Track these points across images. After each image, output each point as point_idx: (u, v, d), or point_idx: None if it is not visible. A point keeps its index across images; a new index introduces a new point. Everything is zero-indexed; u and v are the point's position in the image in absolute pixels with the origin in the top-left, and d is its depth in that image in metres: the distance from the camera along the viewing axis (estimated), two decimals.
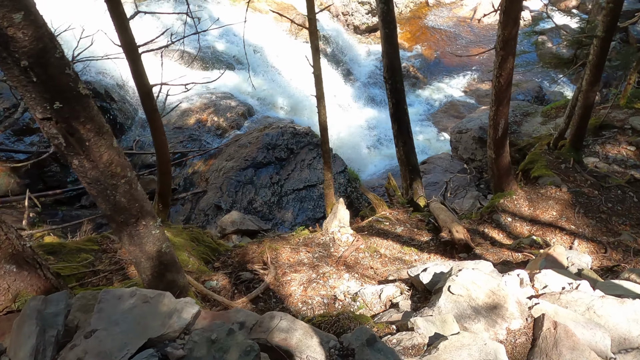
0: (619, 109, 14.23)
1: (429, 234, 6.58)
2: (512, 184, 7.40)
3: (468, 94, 22.17)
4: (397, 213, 7.24)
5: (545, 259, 4.78)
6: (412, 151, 9.26)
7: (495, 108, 6.35)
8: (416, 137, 18.55)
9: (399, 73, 8.75)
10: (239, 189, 9.53)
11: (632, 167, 12.05)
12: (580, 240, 6.47)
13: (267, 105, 13.39)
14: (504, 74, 5.95)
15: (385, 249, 6.11)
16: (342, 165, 10.52)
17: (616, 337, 3.51)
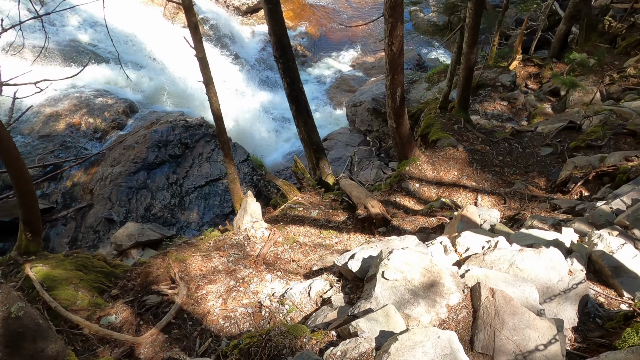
0: (490, 69, 15.45)
1: (344, 212, 6.35)
2: (415, 151, 7.48)
3: (356, 68, 22.56)
4: (309, 196, 6.91)
5: (460, 220, 4.79)
6: (314, 130, 8.96)
7: (391, 77, 6.23)
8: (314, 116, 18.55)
9: (289, 50, 8.29)
10: (132, 195, 8.43)
11: (507, 120, 13.18)
12: (483, 195, 6.75)
13: (152, 99, 12.06)
14: (396, 42, 5.81)
15: (304, 237, 5.75)
16: (244, 154, 9.88)
17: (540, 287, 3.56)
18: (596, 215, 5.13)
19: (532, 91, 14.89)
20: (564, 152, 7.82)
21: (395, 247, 3.72)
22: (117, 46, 11.55)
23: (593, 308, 3.59)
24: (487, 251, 3.83)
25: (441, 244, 4.17)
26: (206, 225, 8.45)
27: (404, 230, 5.58)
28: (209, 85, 5.25)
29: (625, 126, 7.73)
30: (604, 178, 6.55)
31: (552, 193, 6.88)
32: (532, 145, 8.21)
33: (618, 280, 3.94)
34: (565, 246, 4.29)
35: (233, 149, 9.79)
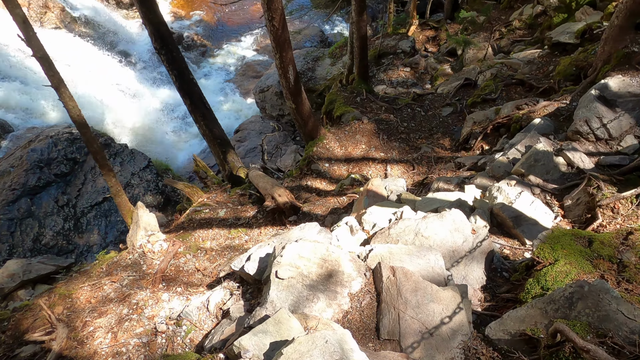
0: (389, 37, 15.66)
1: (254, 207, 5.99)
2: (320, 129, 7.25)
3: (260, 52, 21.89)
4: (215, 195, 6.44)
5: (367, 196, 4.63)
6: (215, 123, 8.37)
7: (279, 55, 5.88)
8: (222, 107, 17.71)
9: (170, 40, 7.58)
10: (15, 228, 7.37)
11: (412, 86, 13.44)
12: (392, 165, 6.71)
13: (29, 114, 10.67)
14: (276, 16, 5.44)
15: (211, 241, 5.31)
16: (144, 160, 9.07)
17: (446, 252, 3.48)
18: (495, 168, 5.25)
19: (431, 54, 15.33)
20: (463, 109, 8.04)
21: (293, 238, 3.44)
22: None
23: (499, 263, 3.59)
24: (393, 224, 3.68)
25: (347, 224, 3.97)
26: (111, 245, 7.66)
27: (315, 215, 5.35)
28: (59, 88, 4.54)
29: (514, 77, 8.09)
30: (501, 129, 6.79)
31: (457, 152, 7.02)
32: (433, 107, 8.35)
33: (519, 229, 4.01)
34: (469, 204, 4.29)
35: (131, 156, 8.96)
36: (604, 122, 5.22)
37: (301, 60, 16.75)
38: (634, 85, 5.51)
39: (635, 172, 4.51)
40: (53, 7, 14.02)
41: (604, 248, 3.04)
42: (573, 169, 4.92)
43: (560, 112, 6.16)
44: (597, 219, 4.11)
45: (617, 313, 2.18)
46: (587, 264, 2.91)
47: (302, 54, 17.22)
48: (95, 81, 13.93)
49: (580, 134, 5.28)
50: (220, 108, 17.51)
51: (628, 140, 5.12)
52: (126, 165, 8.65)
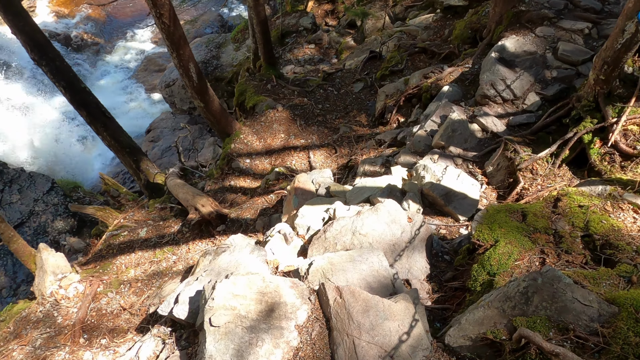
0: (289, 15, 14.97)
1: (178, 220, 5.31)
2: (235, 124, 6.62)
3: (160, 44, 19.99)
4: (132, 214, 5.63)
5: (295, 194, 4.20)
6: (119, 131, 7.33)
7: (176, 54, 5.12)
8: (128, 107, 16.01)
9: (50, 48, 6.37)
10: None
11: (319, 62, 13.00)
12: (314, 151, 6.33)
13: None
14: (165, 12, 4.65)
15: (135, 268, 4.59)
16: (47, 183, 7.76)
17: (387, 246, 3.20)
18: (416, 143, 5.07)
19: (332, 28, 14.94)
20: (374, 83, 7.81)
21: (224, 269, 2.93)
22: None
23: (439, 246, 3.40)
24: (328, 226, 3.30)
25: (280, 232, 3.53)
26: (23, 284, 6.52)
27: (244, 220, 4.83)
28: None
29: (416, 45, 7.98)
30: (413, 100, 6.65)
31: (375, 127, 6.80)
32: (345, 85, 8.03)
33: (451, 206, 3.84)
34: (399, 188, 4.04)
35: (30, 180, 7.62)
36: (507, 84, 5.22)
37: (203, 48, 15.55)
38: (527, 44, 5.56)
39: (544, 130, 4.55)
40: None
41: (538, 220, 2.92)
42: (488, 134, 4.88)
43: (465, 77, 6.12)
44: (519, 183, 4.08)
45: (573, 302, 2.00)
46: (526, 240, 2.77)
47: (204, 42, 15.98)
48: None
49: (488, 98, 5.25)
50: (126, 109, 15.86)
51: (531, 98, 5.18)
52: (26, 192, 7.35)
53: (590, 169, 3.84)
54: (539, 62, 5.34)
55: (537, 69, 5.31)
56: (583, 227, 2.79)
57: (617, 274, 2.36)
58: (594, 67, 3.84)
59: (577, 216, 2.86)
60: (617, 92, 3.94)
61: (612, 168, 3.66)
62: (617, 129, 3.69)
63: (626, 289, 2.26)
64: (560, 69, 5.26)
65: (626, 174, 3.54)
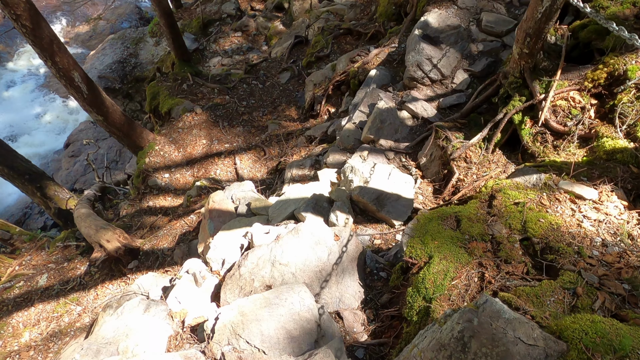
0: (210, 1, 14.07)
1: (85, 259, 4.64)
2: (147, 135, 5.93)
3: (71, 44, 18.27)
4: (30, 258, 4.87)
5: (210, 218, 3.70)
6: (12, 156, 6.35)
7: (51, 62, 4.37)
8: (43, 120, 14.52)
9: None
10: None
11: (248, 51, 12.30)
12: (240, 156, 5.81)
13: None
14: (22, 12, 3.89)
15: (32, 329, 3.92)
16: None
17: (312, 275, 2.80)
18: (344, 138, 4.68)
19: (259, 13, 14.22)
20: (301, 72, 7.34)
21: (108, 338, 2.41)
22: None
23: (373, 262, 3.05)
24: (243, 260, 2.85)
25: (189, 272, 3.03)
26: None
27: (161, 251, 4.26)
28: None
29: (341, 26, 7.56)
30: (342, 87, 6.27)
31: (305, 121, 6.37)
32: (271, 76, 7.50)
33: (384, 211, 3.50)
34: (326, 197, 3.64)
35: None
36: (434, 63, 4.93)
37: (119, 46, 14.37)
38: (451, 17, 5.30)
39: (474, 111, 4.31)
40: None
41: (473, 226, 2.63)
42: (419, 121, 4.59)
43: (392, 58, 5.80)
44: (454, 174, 3.81)
45: (516, 343, 1.69)
46: (462, 252, 2.47)
47: (120, 38, 14.76)
48: None
49: (416, 80, 4.95)
50: (41, 122, 14.38)
51: (459, 75, 4.94)
52: None
53: (523, 152, 3.63)
54: (464, 36, 5.10)
55: (462, 44, 5.07)
56: (521, 229, 2.52)
57: (561, 286, 2.10)
58: (516, 40, 3.60)
59: (514, 216, 2.60)
60: (542, 64, 3.73)
61: (545, 149, 3.46)
62: (546, 106, 3.48)
63: (572, 305, 2.01)
64: (485, 41, 5.05)
65: (559, 155, 3.35)
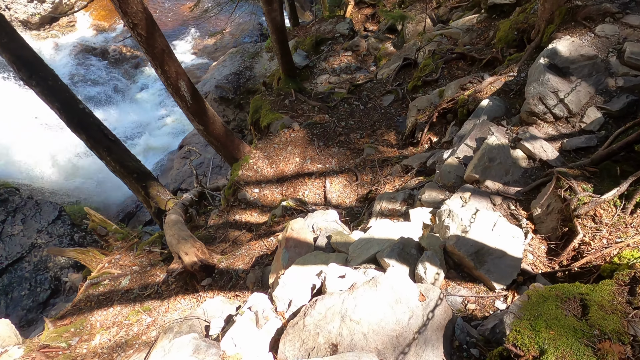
0: (325, 21, 14.38)
1: (165, 266, 4.75)
2: (243, 147, 6.02)
3: (199, 55, 20.18)
4: (119, 257, 5.15)
5: (286, 247, 3.47)
6: (126, 154, 6.96)
7: (161, 70, 4.59)
8: (163, 122, 16.09)
9: (41, 66, 6.05)
10: None
11: (356, 71, 12.25)
12: (331, 178, 5.58)
13: None
14: (139, 21, 4.12)
15: (104, 332, 4.05)
16: (54, 211, 7.59)
17: (387, 340, 2.38)
18: (444, 174, 4.17)
19: (371, 33, 14.20)
20: (405, 95, 6.94)
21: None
22: None
23: (463, 334, 2.52)
24: (310, 308, 2.54)
25: (251, 310, 2.80)
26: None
27: (235, 272, 4.16)
28: None
29: (454, 50, 7.01)
30: (448, 115, 5.73)
31: (404, 148, 5.94)
32: (373, 97, 7.22)
33: (483, 269, 2.94)
34: (415, 242, 3.18)
35: (35, 209, 7.48)
36: (560, 97, 4.20)
37: (238, 59, 15.37)
38: (585, 46, 4.51)
39: (609, 158, 3.51)
40: None
41: (605, 317, 1.99)
42: (536, 163, 3.90)
43: (509, 88, 5.14)
44: (576, 234, 3.10)
45: None
46: (589, 354, 1.86)
47: (239, 52, 15.82)
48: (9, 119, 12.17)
49: (536, 115, 4.26)
50: (162, 123, 15.94)
51: (590, 114, 4.14)
52: (30, 222, 7.18)
53: None
54: (601, 69, 4.28)
55: (597, 77, 4.25)
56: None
57: None
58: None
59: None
60: None
61: None
62: None
63: None
64: (627, 76, 4.19)
65: None
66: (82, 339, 4.06)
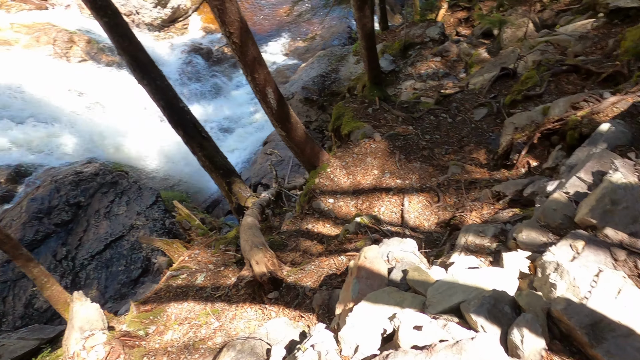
0: (416, 25, 13.54)
1: (237, 270, 4.57)
2: (322, 155, 5.67)
3: (290, 56, 20.44)
4: (197, 252, 5.10)
5: (357, 277, 3.03)
6: (215, 151, 7.10)
7: (251, 77, 4.39)
8: (253, 118, 16.47)
9: (152, 68, 6.36)
10: (7, 292, 6.50)
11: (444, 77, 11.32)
12: (410, 196, 5.00)
13: (51, 153, 10.00)
14: (235, 30, 3.94)
15: (177, 328, 3.97)
16: (152, 196, 7.96)
17: None
18: (549, 211, 3.40)
19: (464, 38, 13.08)
20: (501, 110, 6.07)
21: None
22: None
23: None
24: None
25: (314, 349, 2.41)
26: (110, 301, 6.61)
27: (302, 289, 3.81)
28: None
29: (564, 61, 5.96)
30: (552, 137, 4.83)
31: (495, 169, 5.15)
32: (463, 110, 6.44)
33: (601, 349, 2.22)
34: (509, 297, 2.55)
35: (138, 193, 7.89)
36: None
37: (325, 61, 15.17)
38: None
39: None
40: (78, 40, 13.42)
41: None
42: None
43: (637, 110, 4.12)
44: None
45: None
46: None
47: (326, 54, 15.64)
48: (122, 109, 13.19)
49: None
50: (251, 119, 16.34)
51: None
52: (132, 205, 7.61)
53: None
54: None
55: None
56: None
57: None
58: None
59: None
60: None
61: None
62: None
63: None
64: None
65: None
66: (158, 330, 4.04)
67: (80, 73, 12.81)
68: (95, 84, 12.97)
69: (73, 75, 12.50)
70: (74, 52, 13.28)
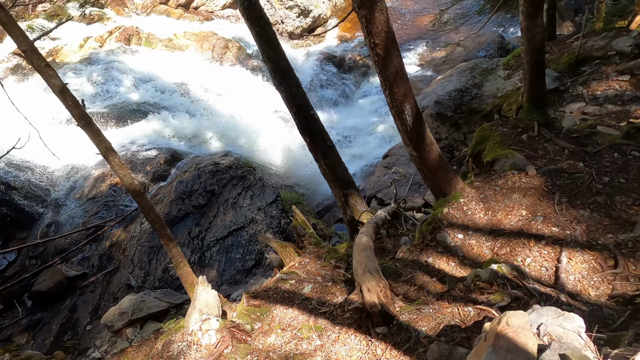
0: (596, 35, 10.96)
1: (345, 289, 4.22)
2: (456, 183, 4.94)
3: (424, 67, 19.43)
4: (307, 261, 4.85)
5: (493, 347, 2.34)
6: (337, 161, 6.89)
7: (389, 91, 3.93)
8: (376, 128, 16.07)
9: (290, 75, 6.45)
10: (153, 256, 7.25)
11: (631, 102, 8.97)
12: (571, 252, 3.95)
13: (198, 143, 11.16)
14: (380, 41, 3.53)
15: (280, 333, 3.75)
16: (272, 195, 8.15)
17: None
18: None
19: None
20: None
21: None
22: (166, 98, 10.95)
23: None
24: None
25: None
26: (225, 284, 6.91)
27: (416, 333, 3.19)
28: (108, 157, 3.73)
29: None
30: None
31: None
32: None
33: None
34: None
35: (261, 190, 8.17)
36: None
37: (466, 74, 13.80)
38: None
39: None
40: (232, 46, 14.84)
41: None
42: None
43: None
44: None
45: None
46: None
47: (469, 67, 14.19)
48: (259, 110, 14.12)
49: None
50: (374, 130, 15.94)
51: None
52: (255, 200, 7.92)
53: None
54: None
55: None
56: None
57: None
58: None
59: None
60: None
61: None
62: None
63: None
64: None
65: None
66: (262, 329, 3.93)
67: (229, 75, 14.18)
68: (239, 85, 14.20)
69: (224, 77, 13.88)
70: (227, 57, 14.77)
